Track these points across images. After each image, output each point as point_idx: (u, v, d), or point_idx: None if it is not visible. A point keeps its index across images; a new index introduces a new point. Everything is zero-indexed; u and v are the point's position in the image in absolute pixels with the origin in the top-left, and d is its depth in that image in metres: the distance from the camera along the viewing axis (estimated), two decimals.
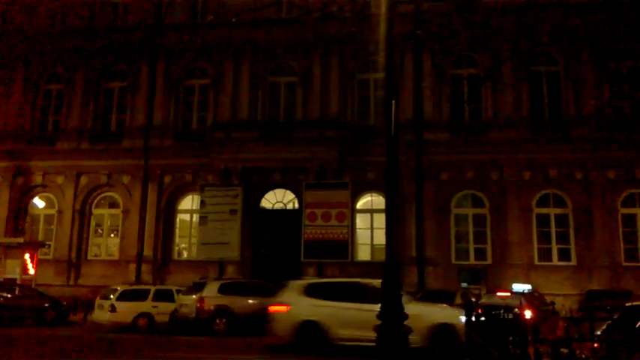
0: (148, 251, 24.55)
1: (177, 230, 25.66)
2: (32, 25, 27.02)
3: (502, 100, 23.55)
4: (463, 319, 8.39)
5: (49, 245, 25.33)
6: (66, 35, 26.81)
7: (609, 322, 7.27)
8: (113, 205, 26.06)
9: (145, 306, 17.63)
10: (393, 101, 8.00)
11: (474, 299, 18.24)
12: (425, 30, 24.20)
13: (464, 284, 21.44)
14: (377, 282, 9.31)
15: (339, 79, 24.68)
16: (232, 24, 25.48)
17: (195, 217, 24.88)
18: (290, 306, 11.89)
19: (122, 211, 25.62)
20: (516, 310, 14.40)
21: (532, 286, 19.59)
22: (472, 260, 22.93)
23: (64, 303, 19.86)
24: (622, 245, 21.99)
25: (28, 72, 27.15)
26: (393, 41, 8.59)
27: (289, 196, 24.69)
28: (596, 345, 4.94)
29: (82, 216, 25.71)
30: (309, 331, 11.50)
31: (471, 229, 23.28)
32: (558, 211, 22.81)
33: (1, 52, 27.15)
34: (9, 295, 18.90)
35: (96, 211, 26.13)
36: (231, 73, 25.38)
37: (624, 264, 21.76)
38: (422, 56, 24.28)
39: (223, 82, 25.45)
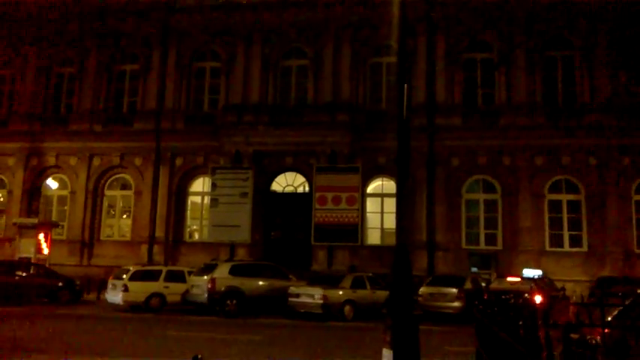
0: (159, 232, 24.80)
1: (188, 212, 25.85)
2: (44, 8, 27.03)
3: (516, 85, 23.29)
4: None
5: (63, 226, 25.65)
6: (78, 18, 26.82)
7: (620, 308, 7.27)
8: (125, 186, 26.28)
9: (157, 286, 17.85)
10: (405, 85, 7.92)
11: (483, 284, 18.31)
12: (438, 13, 23.95)
13: (474, 269, 21.46)
14: None
15: (351, 63, 24.52)
16: (244, 6, 25.38)
17: (207, 200, 25.04)
18: None
19: (134, 193, 25.83)
20: (526, 295, 14.39)
21: (542, 271, 19.56)
22: (482, 245, 22.90)
23: (78, 282, 20.15)
24: (635, 232, 21.85)
25: (40, 54, 27.23)
26: (406, 24, 8.49)
27: (300, 179, 24.74)
28: (607, 331, 4.94)
29: (95, 197, 25.96)
30: None
31: (482, 215, 23.22)
32: (571, 197, 22.66)
33: (13, 35, 27.28)
34: (24, 274, 19.22)
35: (108, 193, 26.38)
36: (243, 56, 25.30)
37: (637, 251, 21.65)
38: (435, 40, 24.03)
39: (235, 65, 25.39)
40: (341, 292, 16.87)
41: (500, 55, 23.75)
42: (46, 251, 22.34)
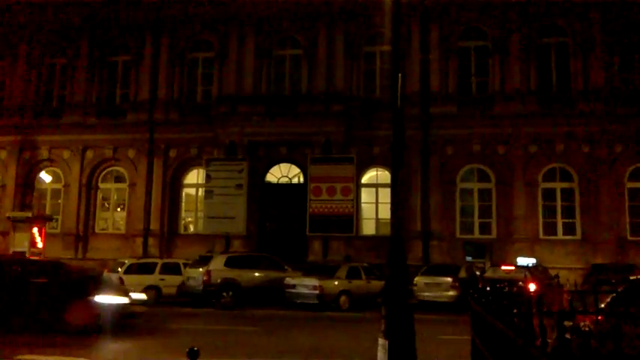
0: (154, 225, 24.73)
1: (183, 204, 25.78)
2: None
3: (510, 73, 23.27)
4: None
5: (57, 219, 25.55)
6: (69, 8, 26.53)
7: (614, 295, 7.32)
8: (119, 179, 26.17)
9: (153, 279, 17.85)
10: (400, 74, 7.89)
11: (478, 273, 18.41)
12: (432, 0, 23.84)
13: (468, 258, 21.57)
14: None
15: (345, 52, 24.41)
16: None
17: (201, 192, 24.97)
18: None
19: (128, 185, 25.74)
20: (520, 283, 14.48)
21: (536, 259, 19.67)
22: (477, 234, 22.99)
23: None
24: (627, 219, 21.97)
25: (31, 46, 26.96)
26: (400, 12, 8.44)
27: (294, 170, 24.70)
28: (600, 318, 4.97)
29: (89, 190, 25.85)
30: None
31: (476, 203, 23.28)
32: (564, 185, 22.75)
33: (4, 26, 26.98)
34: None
35: (102, 185, 26.27)
36: (236, 45, 25.13)
37: (629, 238, 21.78)
38: (429, 28, 23.94)
39: (228, 55, 25.22)
40: (336, 283, 16.94)
41: (495, 43, 23.71)
42: (40, 245, 22.23)
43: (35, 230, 22.12)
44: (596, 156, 22.19)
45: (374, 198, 23.90)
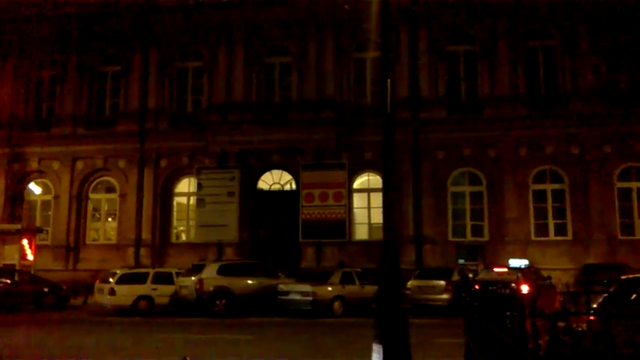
0: (146, 235, 24.59)
1: (174, 213, 25.66)
2: (24, 11, 26.59)
3: (499, 77, 23.45)
4: None
5: (47, 231, 25.32)
6: (58, 20, 26.42)
7: (605, 295, 7.36)
8: (110, 189, 26.02)
9: (145, 289, 17.69)
10: (389, 80, 7.92)
11: (471, 275, 18.45)
12: (421, 5, 24.00)
13: (461, 261, 21.61)
14: None
15: (335, 59, 24.48)
16: (225, 5, 25.20)
17: (193, 200, 24.88)
18: None
19: (119, 196, 25.58)
20: (513, 285, 14.53)
21: (529, 261, 19.73)
22: (469, 237, 23.06)
23: (64, 287, 19.90)
24: (618, 219, 22.13)
25: (20, 58, 26.81)
26: (389, 18, 8.48)
27: (286, 177, 24.68)
28: (592, 318, 4.99)
29: (79, 201, 25.66)
30: None
31: (467, 207, 23.37)
32: (555, 186, 22.89)
33: None
34: (9, 281, 18.93)
35: (93, 196, 26.10)
36: (225, 54, 25.13)
37: (620, 237, 21.93)
38: (418, 33, 24.08)
39: (218, 64, 25.20)
40: (330, 288, 16.88)
41: (483, 47, 23.89)
42: (30, 257, 22.03)
43: (25, 242, 21.94)
44: (585, 157, 22.37)
45: (366, 203, 23.92)
